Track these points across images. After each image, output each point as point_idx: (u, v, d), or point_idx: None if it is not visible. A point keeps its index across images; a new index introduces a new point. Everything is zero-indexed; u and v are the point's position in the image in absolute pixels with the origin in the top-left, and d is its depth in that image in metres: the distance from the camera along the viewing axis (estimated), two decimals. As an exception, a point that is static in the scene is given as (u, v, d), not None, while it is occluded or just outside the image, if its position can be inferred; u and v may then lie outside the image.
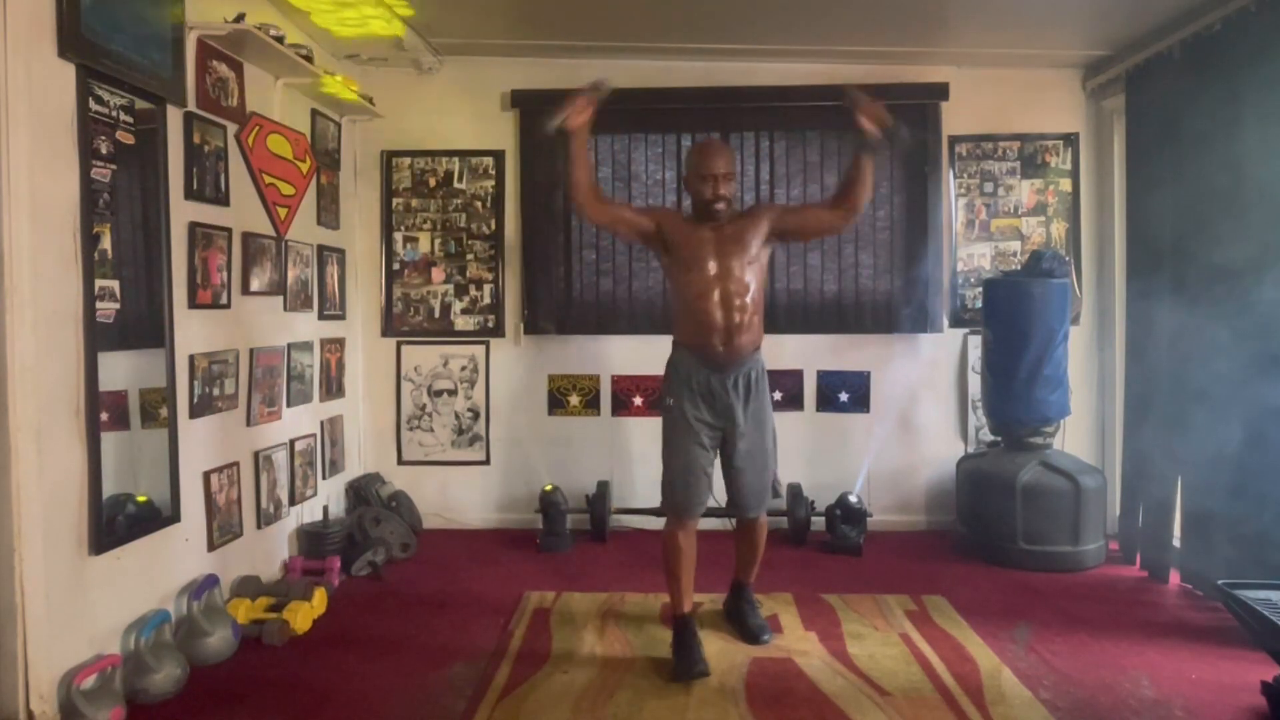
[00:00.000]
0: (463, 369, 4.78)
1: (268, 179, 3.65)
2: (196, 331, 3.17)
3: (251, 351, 3.55)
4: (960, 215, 4.71)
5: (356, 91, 4.13)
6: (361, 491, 4.48)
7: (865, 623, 3.34)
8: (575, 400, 4.78)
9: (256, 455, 3.60)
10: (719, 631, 3.23)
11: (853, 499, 4.36)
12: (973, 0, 3.77)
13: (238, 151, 3.45)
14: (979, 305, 4.51)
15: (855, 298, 4.65)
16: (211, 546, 3.25)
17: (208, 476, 3.24)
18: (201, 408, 3.20)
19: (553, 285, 4.68)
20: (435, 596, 3.65)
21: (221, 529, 3.32)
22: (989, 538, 4.10)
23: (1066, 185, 4.68)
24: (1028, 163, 4.69)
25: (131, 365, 2.88)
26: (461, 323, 4.77)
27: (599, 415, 4.76)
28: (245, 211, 3.51)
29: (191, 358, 3.13)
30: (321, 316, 4.26)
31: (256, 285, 3.58)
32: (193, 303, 3.14)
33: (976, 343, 4.56)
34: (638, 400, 4.74)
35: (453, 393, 4.79)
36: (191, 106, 3.13)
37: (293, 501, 3.91)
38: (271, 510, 3.71)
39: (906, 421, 4.71)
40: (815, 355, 4.71)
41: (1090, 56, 4.50)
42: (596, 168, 4.67)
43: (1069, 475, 3.99)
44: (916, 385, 4.70)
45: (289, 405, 3.89)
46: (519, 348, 4.76)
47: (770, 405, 3.10)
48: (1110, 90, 4.45)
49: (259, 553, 3.62)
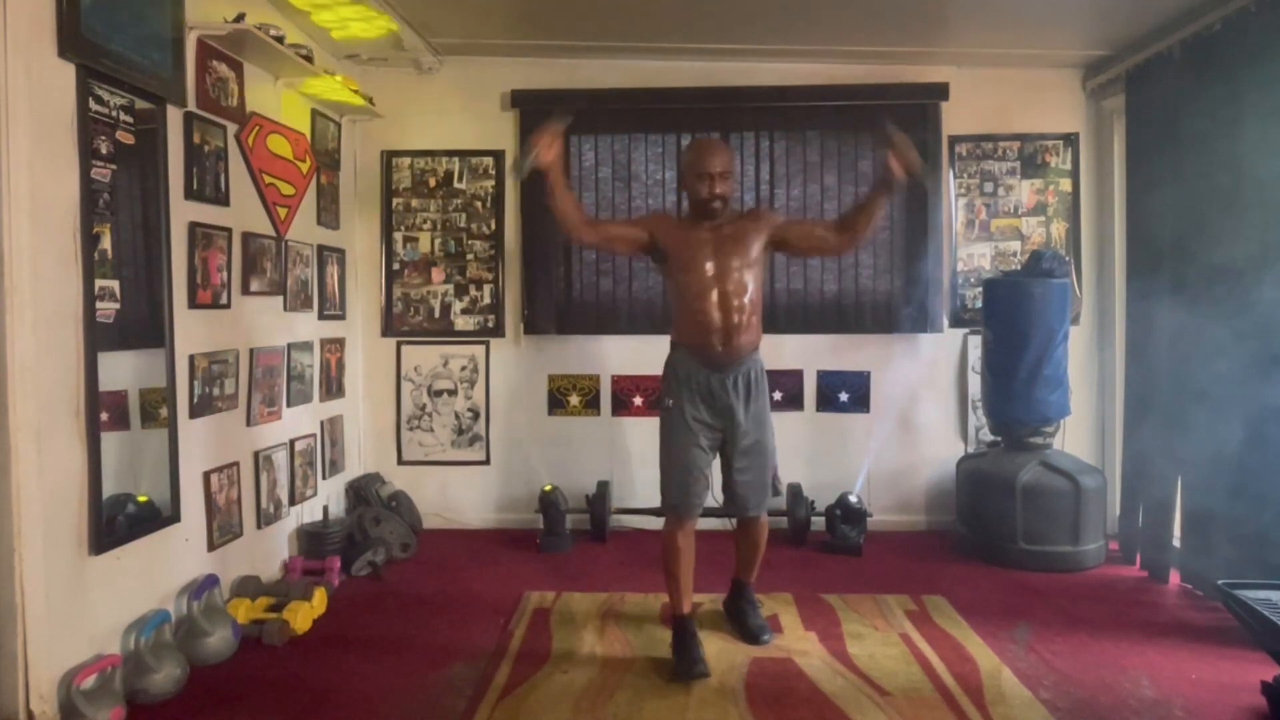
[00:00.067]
0: (463, 369, 4.78)
1: (268, 179, 3.65)
2: (196, 331, 3.18)
3: (251, 351, 3.55)
4: (960, 215, 4.71)
5: (357, 91, 4.13)
6: (361, 491, 4.48)
7: (865, 623, 3.34)
8: (575, 400, 4.78)
9: (256, 455, 3.60)
10: (719, 631, 3.23)
11: (853, 499, 4.36)
12: (973, 0, 3.77)
13: (238, 151, 3.45)
14: (979, 305, 4.51)
15: (855, 298, 4.65)
16: (211, 546, 3.26)
17: (208, 476, 3.24)
18: (201, 408, 3.20)
19: (552, 285, 4.68)
20: (435, 596, 3.66)
21: (221, 529, 3.32)
22: (989, 538, 4.10)
23: (1066, 185, 4.68)
24: (1028, 163, 4.69)
25: (131, 365, 2.89)
26: (461, 323, 4.77)
27: (599, 415, 4.76)
28: (245, 211, 3.51)
29: (191, 358, 3.14)
30: (321, 316, 4.26)
31: (256, 285, 3.58)
32: (193, 303, 3.14)
33: (976, 343, 4.56)
34: (638, 400, 4.74)
35: (453, 393, 4.79)
36: (191, 106, 3.13)
37: (293, 501, 3.91)
38: (271, 510, 3.71)
39: (906, 421, 4.71)
40: (815, 355, 4.71)
41: (1090, 56, 4.50)
42: (596, 168, 4.68)
43: (1069, 475, 3.99)
44: (916, 385, 4.70)
45: (289, 405, 3.89)
46: (519, 348, 4.76)
47: (769, 405, 3.10)
48: (1110, 90, 4.45)
49: (259, 553, 3.62)
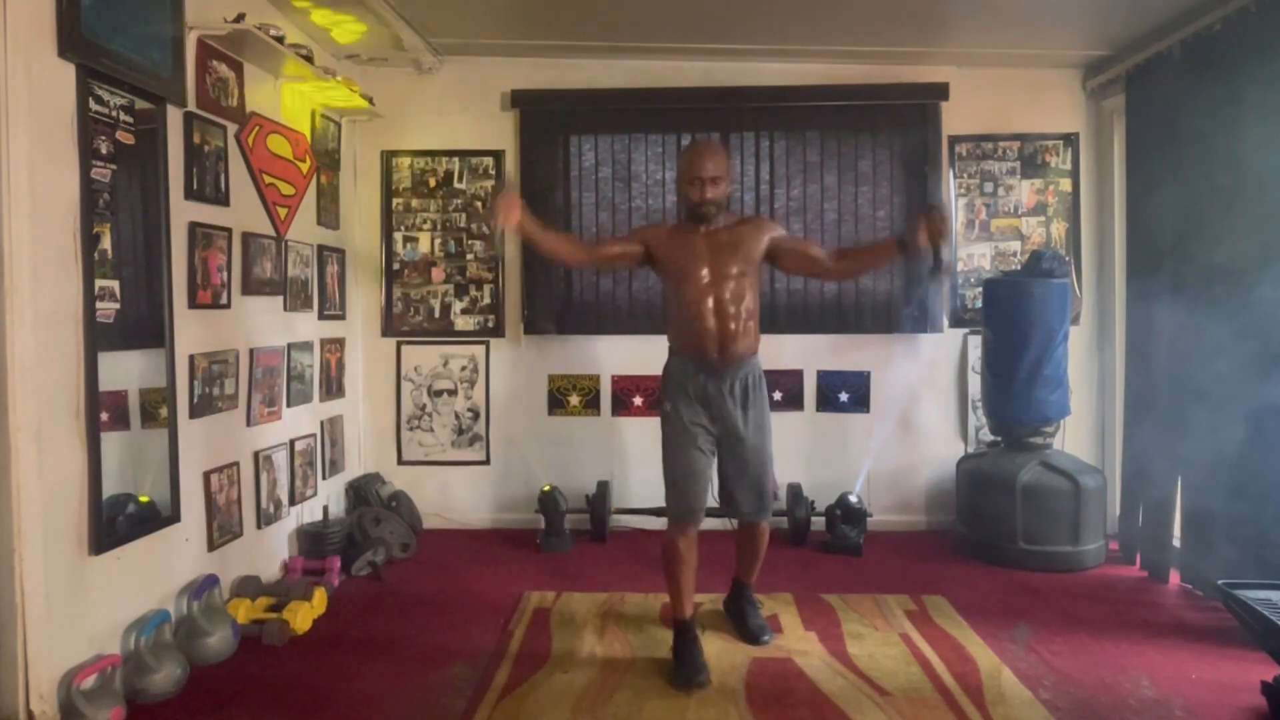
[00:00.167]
0: (463, 369, 4.78)
1: (268, 179, 3.65)
2: (196, 331, 3.17)
3: (251, 351, 3.55)
4: (960, 215, 4.70)
5: (357, 91, 4.13)
6: (361, 491, 4.48)
7: (865, 623, 3.34)
8: (575, 400, 4.78)
9: (256, 455, 3.60)
10: (719, 631, 3.23)
11: (853, 499, 4.36)
12: (973, 0, 3.77)
13: (238, 151, 3.45)
14: (979, 305, 4.51)
15: (855, 298, 4.64)
16: (211, 546, 3.26)
17: (208, 476, 3.24)
18: (201, 408, 3.20)
19: (552, 285, 4.68)
20: (435, 596, 3.66)
21: (221, 529, 3.32)
22: (989, 538, 4.10)
23: (1066, 185, 4.68)
24: (1028, 163, 4.69)
25: (131, 365, 2.89)
26: (461, 323, 4.77)
27: (599, 415, 4.76)
28: (245, 211, 3.51)
29: (191, 358, 3.13)
30: (321, 316, 4.26)
31: (256, 285, 3.58)
32: (193, 303, 3.14)
33: (976, 343, 4.56)
34: (637, 400, 4.74)
35: (453, 393, 4.79)
36: (191, 106, 3.13)
37: (293, 501, 3.91)
38: (271, 510, 3.71)
39: (906, 421, 4.71)
40: (815, 355, 4.70)
41: (1090, 56, 4.50)
42: (597, 168, 4.68)
43: (1069, 475, 3.99)
44: (916, 385, 4.70)
45: (289, 405, 3.89)
46: (519, 348, 4.76)
47: (769, 410, 3.08)
48: (1110, 90, 4.45)
49: (259, 553, 3.62)
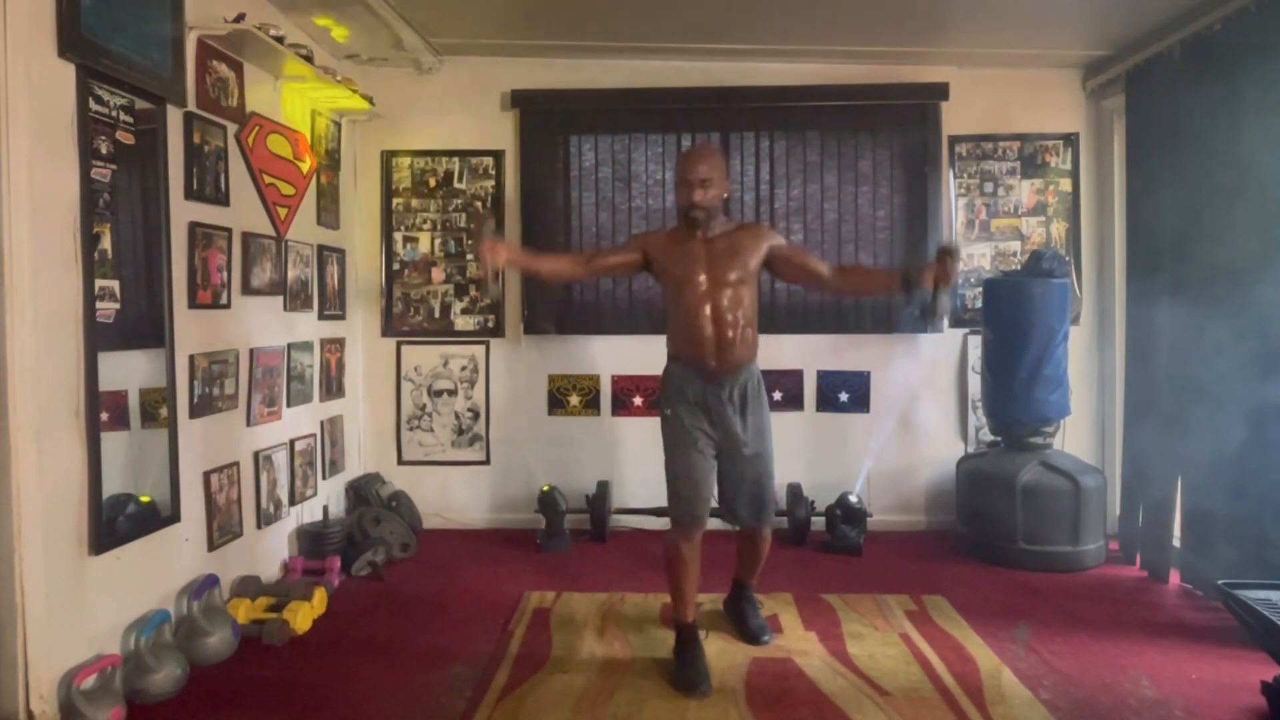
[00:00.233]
0: (463, 369, 4.78)
1: (268, 179, 3.65)
2: (196, 331, 3.17)
3: (251, 351, 3.55)
4: (960, 215, 4.70)
5: (357, 91, 4.13)
6: (361, 491, 4.48)
7: (865, 623, 3.34)
8: (575, 400, 4.78)
9: (256, 455, 3.60)
10: (719, 631, 3.23)
11: (853, 499, 4.36)
12: (973, 0, 3.77)
13: (238, 151, 3.45)
14: (979, 305, 4.51)
15: (855, 298, 4.64)
16: (211, 546, 3.26)
17: (208, 476, 3.24)
18: (201, 408, 3.20)
19: (552, 285, 4.68)
20: (435, 597, 3.66)
21: (221, 529, 3.32)
22: (989, 538, 4.10)
23: (1066, 185, 4.68)
24: (1028, 163, 4.69)
25: (131, 365, 2.88)
26: (461, 323, 4.77)
27: (599, 415, 4.76)
28: (245, 211, 3.51)
29: (191, 358, 3.13)
30: (321, 316, 4.26)
31: (256, 285, 3.58)
32: (193, 303, 3.14)
33: (976, 343, 4.56)
34: (638, 400, 4.74)
35: (453, 393, 4.79)
36: (191, 106, 3.13)
37: (293, 501, 3.91)
38: (271, 510, 3.71)
39: (906, 421, 4.71)
40: (815, 355, 4.70)
41: (1090, 56, 4.50)
42: (597, 168, 4.68)
43: (1069, 475, 3.99)
44: (916, 385, 4.70)
45: (289, 405, 3.89)
46: (519, 348, 4.76)
47: (769, 416, 3.06)
48: (1110, 90, 4.45)
49: (259, 553, 3.62)
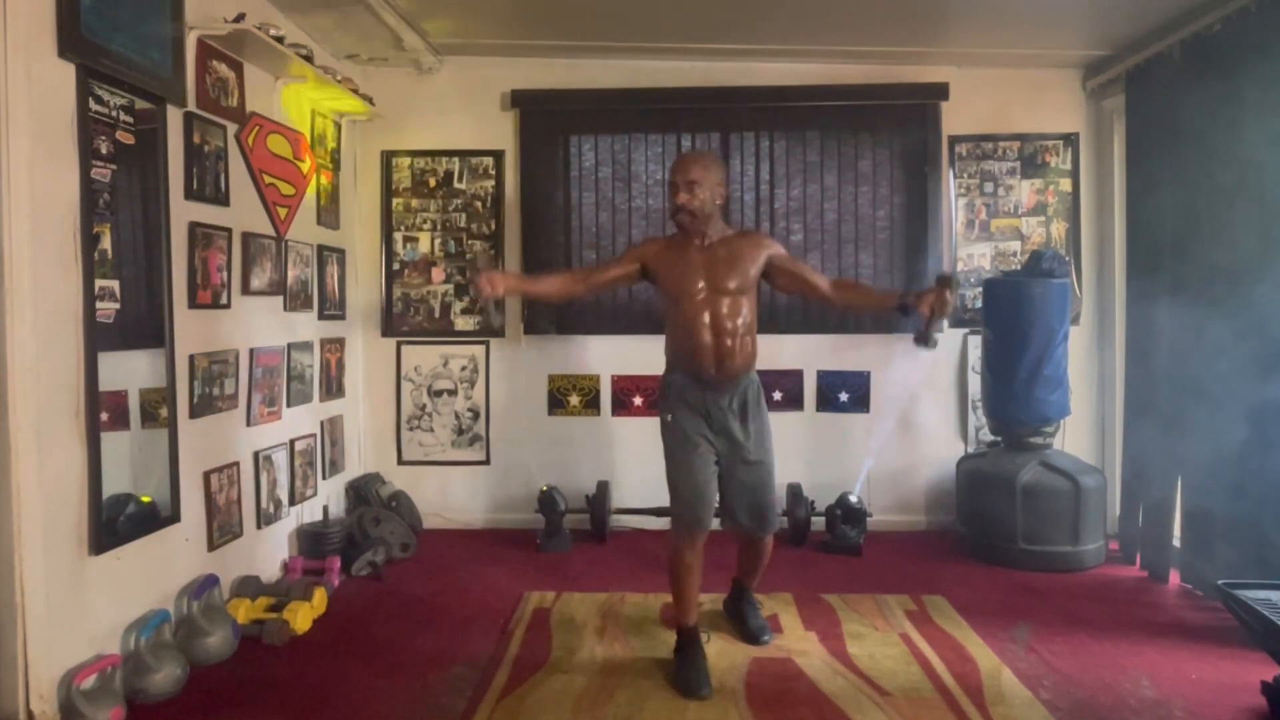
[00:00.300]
0: (463, 369, 4.78)
1: (268, 179, 3.65)
2: (196, 331, 3.17)
3: (251, 351, 3.55)
4: (960, 215, 4.70)
5: (356, 91, 4.13)
6: (361, 491, 4.48)
7: (865, 623, 3.34)
8: (575, 400, 4.78)
9: (256, 455, 3.60)
10: (719, 631, 3.23)
11: (853, 499, 4.36)
12: (973, 0, 3.77)
13: (238, 151, 3.45)
14: (979, 305, 4.51)
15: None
16: (211, 546, 3.25)
17: (208, 476, 3.24)
18: (201, 408, 3.20)
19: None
20: (435, 597, 3.66)
21: (221, 529, 3.32)
22: (989, 538, 4.10)
23: (1066, 185, 4.68)
24: (1028, 163, 4.69)
25: (131, 365, 2.88)
26: (461, 323, 4.77)
27: (599, 415, 4.76)
28: (245, 211, 3.51)
29: (191, 358, 3.13)
30: (321, 316, 4.26)
31: (256, 285, 3.58)
32: (193, 303, 3.14)
33: (976, 343, 4.56)
34: (638, 400, 4.74)
35: (453, 393, 4.79)
36: (191, 106, 3.13)
37: (293, 501, 3.91)
38: (271, 510, 3.71)
39: (906, 421, 4.71)
40: (815, 355, 4.71)
41: (1090, 56, 4.50)
42: (597, 168, 4.68)
43: (1069, 475, 3.99)
44: (916, 385, 4.70)
45: (289, 405, 3.89)
46: (519, 348, 4.76)
47: (769, 423, 3.04)
48: (1110, 90, 4.45)
49: (259, 553, 3.62)
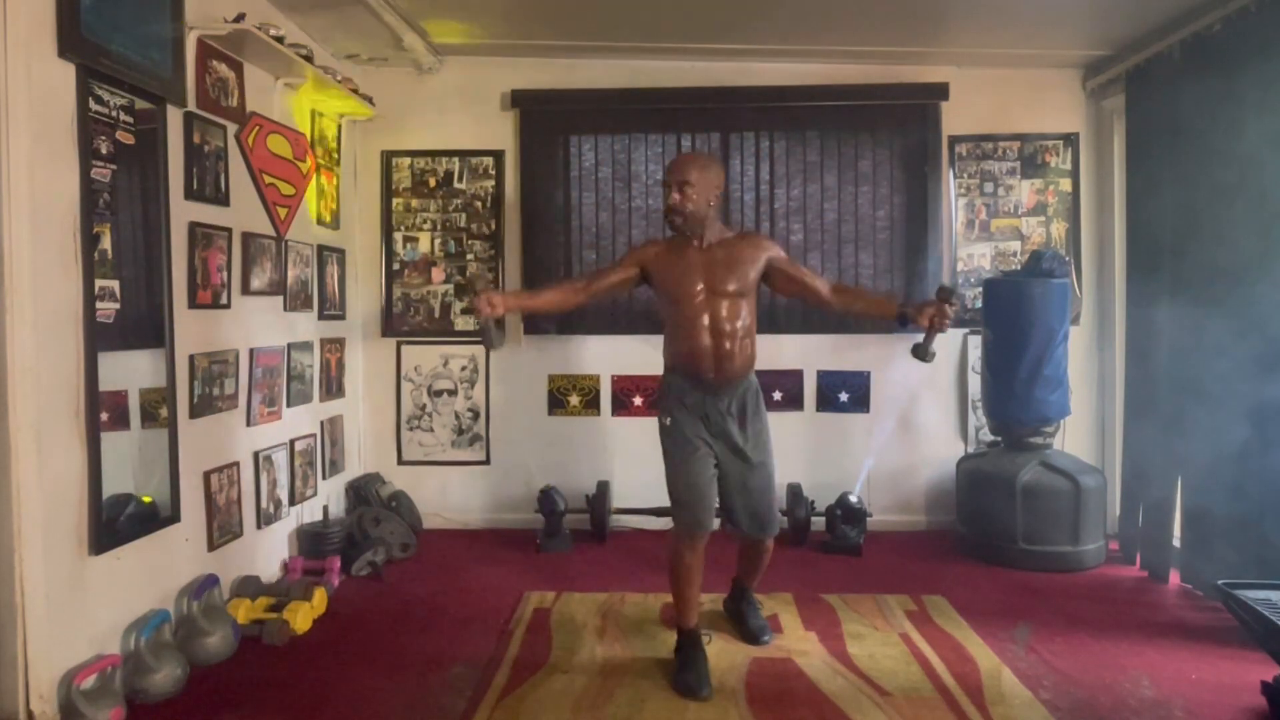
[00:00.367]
0: (463, 369, 4.78)
1: (268, 179, 3.65)
2: (196, 331, 3.17)
3: (251, 351, 3.55)
4: (960, 215, 4.70)
5: (356, 91, 4.13)
6: (361, 491, 4.48)
7: (865, 623, 3.34)
8: (575, 400, 4.78)
9: (256, 455, 3.60)
10: (719, 631, 3.23)
11: (853, 499, 4.36)
12: (973, 0, 3.77)
13: (238, 151, 3.45)
14: (979, 305, 4.51)
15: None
16: (211, 546, 3.25)
17: (208, 476, 3.24)
18: (201, 408, 3.20)
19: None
20: (435, 597, 3.66)
21: (221, 529, 3.32)
22: (989, 538, 4.10)
23: (1066, 185, 4.68)
24: (1028, 163, 4.69)
25: (131, 365, 2.88)
26: (461, 323, 4.77)
27: (599, 415, 4.76)
28: (245, 211, 3.51)
29: (191, 358, 3.13)
30: (321, 316, 4.26)
31: (256, 285, 3.58)
32: (193, 303, 3.14)
33: (976, 343, 4.56)
34: (638, 400, 4.74)
35: (453, 393, 4.79)
36: (191, 106, 3.13)
37: (293, 501, 3.91)
38: (271, 510, 3.71)
39: (906, 421, 4.71)
40: (815, 355, 4.70)
41: (1090, 56, 4.50)
42: (597, 168, 4.67)
43: (1069, 475, 3.99)
44: (916, 385, 4.70)
45: (289, 405, 3.89)
46: (519, 348, 4.76)
47: (768, 426, 3.04)
48: (1110, 90, 4.45)
49: (259, 553, 3.62)
